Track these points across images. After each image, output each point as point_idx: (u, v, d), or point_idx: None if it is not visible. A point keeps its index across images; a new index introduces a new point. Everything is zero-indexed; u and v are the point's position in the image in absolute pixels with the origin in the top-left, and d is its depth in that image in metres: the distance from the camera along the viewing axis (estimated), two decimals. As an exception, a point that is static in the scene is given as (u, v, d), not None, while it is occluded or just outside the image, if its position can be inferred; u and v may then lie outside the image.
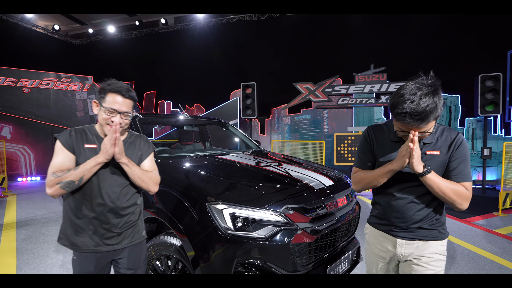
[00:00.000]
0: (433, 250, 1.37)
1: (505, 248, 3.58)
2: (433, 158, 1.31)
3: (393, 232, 1.42)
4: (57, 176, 1.34)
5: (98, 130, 1.52)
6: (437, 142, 1.32)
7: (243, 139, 3.84)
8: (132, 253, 1.56)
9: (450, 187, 1.25)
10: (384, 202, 1.42)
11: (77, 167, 1.38)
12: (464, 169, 1.30)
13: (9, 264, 3.14)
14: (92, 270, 1.47)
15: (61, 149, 1.42)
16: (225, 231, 1.69)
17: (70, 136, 1.45)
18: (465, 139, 1.36)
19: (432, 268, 1.36)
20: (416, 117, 1.14)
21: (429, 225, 1.37)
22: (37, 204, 5.88)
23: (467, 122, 8.02)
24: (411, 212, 1.35)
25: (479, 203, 5.91)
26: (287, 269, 1.74)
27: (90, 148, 1.45)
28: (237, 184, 2.01)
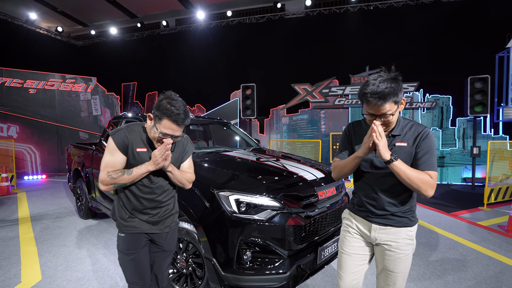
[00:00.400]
0: (403, 236, 1.50)
1: (484, 237, 3.89)
2: (401, 149, 1.45)
3: (369, 218, 1.55)
4: (112, 178, 1.50)
5: (147, 133, 1.63)
6: (405, 135, 1.47)
7: (244, 138, 4.15)
8: (170, 237, 1.76)
9: (416, 175, 1.38)
10: (362, 191, 1.58)
11: (130, 171, 1.52)
12: (429, 159, 1.42)
13: (31, 252, 3.43)
14: (134, 248, 1.64)
15: (114, 149, 1.55)
16: (231, 214, 2.00)
17: (124, 139, 1.56)
18: (431, 133, 1.48)
19: (402, 251, 1.50)
20: (376, 96, 1.31)
21: (401, 213, 1.50)
22: (46, 200, 6.17)
23: (458, 122, 8.34)
24: (385, 200, 1.50)
25: (467, 199, 6.24)
26: (283, 247, 2.05)
27: (141, 152, 1.58)
28: (241, 175, 2.32)
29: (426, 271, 2.94)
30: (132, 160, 1.57)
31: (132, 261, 1.63)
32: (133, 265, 1.64)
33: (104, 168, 1.54)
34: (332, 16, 10.15)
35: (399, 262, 1.50)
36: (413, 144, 1.45)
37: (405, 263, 1.51)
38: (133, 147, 1.56)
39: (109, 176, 1.50)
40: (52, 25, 13.62)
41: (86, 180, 4.44)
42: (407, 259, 1.51)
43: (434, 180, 1.41)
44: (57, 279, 2.77)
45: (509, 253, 3.38)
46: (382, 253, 1.54)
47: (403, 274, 1.52)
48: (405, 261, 1.51)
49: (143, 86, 12.01)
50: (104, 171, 1.53)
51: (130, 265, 1.63)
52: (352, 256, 1.60)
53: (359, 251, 1.60)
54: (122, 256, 1.64)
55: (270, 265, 2.02)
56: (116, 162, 1.55)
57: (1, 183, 6.73)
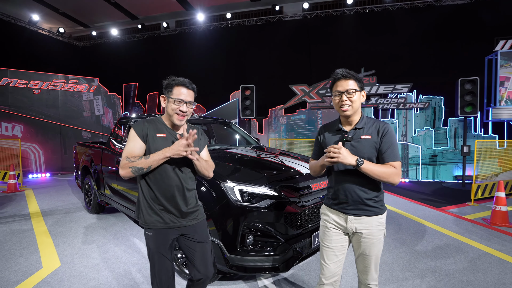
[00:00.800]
0: (375, 223, 1.68)
1: (468, 229, 4.19)
2: (366, 141, 1.65)
3: (344, 210, 1.70)
4: (130, 161, 1.58)
5: (165, 121, 1.76)
6: (369, 129, 1.67)
7: (244, 137, 4.42)
8: (199, 229, 1.79)
9: (382, 170, 1.58)
10: (335, 186, 1.73)
11: (148, 156, 1.60)
12: (392, 152, 1.63)
13: (47, 242, 3.69)
14: (163, 244, 1.68)
15: (134, 137, 1.66)
16: (235, 202, 2.28)
17: (143, 127, 1.67)
18: (392, 128, 1.67)
19: (375, 237, 1.68)
20: (344, 72, 1.65)
21: (373, 203, 1.67)
22: (53, 197, 6.41)
23: (450, 122, 8.65)
24: (355, 192, 1.66)
25: (457, 195, 6.55)
26: (281, 232, 2.33)
27: (161, 136, 1.68)
28: (244, 169, 2.60)
29: (412, 258, 3.23)
30: (152, 145, 1.65)
31: (159, 261, 1.69)
32: (160, 264, 1.69)
33: (124, 155, 1.64)
34: (329, 19, 10.44)
35: (373, 246, 1.69)
36: (377, 136, 1.65)
37: (378, 246, 1.71)
38: (153, 133, 1.67)
39: (127, 160, 1.60)
40: (53, 26, 13.83)
41: (95, 176, 4.70)
42: (380, 242, 1.71)
43: (398, 169, 1.62)
44: (75, 265, 3.04)
45: (488, 242, 3.68)
46: (358, 241, 1.71)
47: (377, 256, 1.71)
48: (378, 245, 1.70)
49: (144, 86, 12.24)
50: (123, 156, 1.64)
51: (157, 263, 1.69)
52: (333, 248, 1.75)
53: (338, 243, 1.75)
54: (151, 254, 1.70)
55: (269, 248, 2.29)
56: (135, 148, 1.64)
57: (9, 181, 6.97)
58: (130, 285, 2.64)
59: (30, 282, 2.69)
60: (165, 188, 1.67)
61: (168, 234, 1.69)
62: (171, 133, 1.73)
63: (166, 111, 1.72)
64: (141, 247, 3.54)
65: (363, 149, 1.64)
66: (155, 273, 1.70)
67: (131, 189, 3.62)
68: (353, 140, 1.67)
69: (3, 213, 5.06)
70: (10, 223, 4.50)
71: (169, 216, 1.69)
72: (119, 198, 3.94)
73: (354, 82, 1.65)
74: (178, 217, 1.71)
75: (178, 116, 1.67)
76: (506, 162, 7.12)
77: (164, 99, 1.72)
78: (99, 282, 2.69)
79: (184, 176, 1.72)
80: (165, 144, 1.66)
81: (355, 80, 1.65)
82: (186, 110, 1.67)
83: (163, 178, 1.66)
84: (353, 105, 1.65)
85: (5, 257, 3.24)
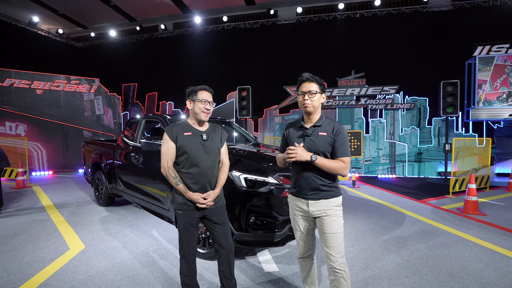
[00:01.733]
0: (333, 204, 1.92)
1: (443, 217, 4.73)
2: (323, 137, 1.90)
3: (305, 196, 1.95)
4: (168, 172, 2.05)
5: (190, 123, 2.16)
6: (326, 127, 1.92)
7: (243, 135, 4.88)
8: (218, 212, 2.17)
9: (332, 164, 1.83)
10: (296, 176, 1.99)
11: (179, 182, 2.04)
12: (344, 149, 1.88)
13: (67, 230, 4.10)
14: (189, 222, 2.10)
15: (167, 139, 2.08)
16: (240, 188, 2.75)
17: (173, 129, 2.09)
18: (344, 127, 1.94)
19: (333, 215, 1.91)
20: (309, 76, 1.91)
21: (328, 188, 1.92)
22: (62, 192, 6.79)
23: (434, 122, 9.24)
24: (313, 180, 1.91)
25: (438, 189, 7.12)
26: (279, 213, 2.80)
27: (188, 135, 2.09)
28: (247, 161, 3.07)
29: (390, 239, 3.74)
30: (180, 142, 2.07)
31: (187, 233, 2.09)
32: (187, 236, 2.09)
33: (162, 156, 2.09)
34: (321, 23, 10.95)
35: (333, 224, 1.90)
36: (332, 134, 1.90)
37: (338, 224, 1.91)
38: (182, 133, 2.08)
39: (168, 169, 2.06)
40: (52, 27, 14.07)
41: (106, 171, 5.11)
42: (340, 220, 1.93)
43: (347, 164, 1.87)
44: (97, 247, 3.47)
45: (458, 226, 4.21)
46: (320, 221, 1.94)
47: (339, 234, 1.91)
48: (338, 223, 1.91)
49: (143, 86, 12.59)
50: (163, 158, 2.08)
51: (184, 235, 2.09)
52: (302, 231, 2.05)
53: (305, 226, 2.03)
54: (180, 229, 2.11)
55: (269, 225, 2.77)
56: (169, 149, 2.08)
57: (18, 177, 7.32)
58: (149, 262, 3.08)
59: (63, 259, 3.11)
60: (200, 183, 2.11)
61: (193, 214, 2.11)
62: (195, 132, 2.13)
63: (193, 111, 2.12)
64: (154, 233, 3.98)
65: (320, 143, 1.90)
66: (181, 248, 2.13)
67: (144, 184, 4.05)
68: (312, 136, 1.92)
69: (19, 206, 5.43)
70: (28, 214, 4.89)
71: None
72: (132, 191, 4.37)
73: (316, 85, 1.91)
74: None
75: (204, 113, 2.11)
76: (485, 159, 7.71)
77: (190, 102, 2.14)
78: (122, 259, 3.13)
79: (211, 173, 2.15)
80: (191, 140, 2.09)
81: (317, 84, 1.91)
82: (209, 108, 2.12)
83: (197, 174, 2.10)
84: (313, 104, 1.90)
85: (33, 241, 3.65)
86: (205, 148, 2.11)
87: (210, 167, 2.13)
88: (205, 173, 2.10)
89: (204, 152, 2.10)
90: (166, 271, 2.86)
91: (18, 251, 3.33)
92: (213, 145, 2.17)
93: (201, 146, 2.10)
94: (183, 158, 2.08)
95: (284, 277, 2.74)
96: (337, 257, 1.88)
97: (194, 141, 2.09)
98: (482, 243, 3.56)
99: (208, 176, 2.12)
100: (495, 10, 9.35)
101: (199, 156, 2.09)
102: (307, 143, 1.92)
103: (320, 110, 2.00)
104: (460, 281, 2.64)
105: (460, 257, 3.16)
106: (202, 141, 2.11)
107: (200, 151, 2.09)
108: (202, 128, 2.17)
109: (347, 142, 1.91)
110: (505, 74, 7.61)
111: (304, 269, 2.16)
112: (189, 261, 2.12)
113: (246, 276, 2.75)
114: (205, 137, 2.13)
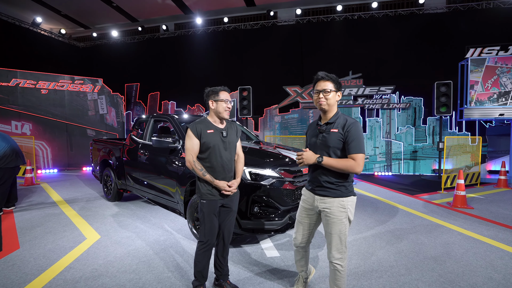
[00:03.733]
0: (336, 204, 1.92)
1: (433, 210, 5.03)
2: (334, 134, 1.92)
3: (314, 191, 2.03)
4: (194, 165, 2.24)
5: (211, 121, 2.36)
6: (338, 124, 1.94)
7: (246, 133, 5.17)
8: (235, 200, 2.45)
9: (340, 163, 1.86)
10: (311, 173, 2.08)
11: (206, 173, 2.23)
12: (355, 145, 1.85)
13: (81, 222, 4.38)
14: (213, 210, 2.30)
15: (192, 136, 2.27)
16: (245, 181, 3.04)
17: (197, 127, 2.28)
18: (357, 124, 1.90)
19: (335, 216, 1.92)
20: (324, 75, 1.97)
21: (334, 186, 1.93)
22: (70, 188, 7.06)
23: (429, 121, 9.55)
24: (320, 177, 1.97)
25: (430, 185, 7.43)
26: (281, 204, 3.09)
27: (210, 132, 2.29)
28: (250, 157, 3.36)
29: (382, 229, 4.04)
30: (204, 139, 2.27)
31: (210, 220, 2.29)
32: (210, 223, 2.29)
33: (188, 151, 2.27)
34: (320, 24, 11.23)
35: (333, 225, 1.93)
36: (342, 130, 1.90)
37: (339, 226, 1.92)
38: (204, 130, 2.29)
39: (194, 162, 2.25)
40: (55, 27, 14.30)
41: (115, 168, 5.38)
42: (340, 223, 1.92)
43: (358, 161, 1.85)
44: (112, 237, 3.75)
45: (446, 219, 4.52)
46: (323, 218, 2.00)
47: (338, 236, 1.93)
48: (338, 225, 1.92)
49: (145, 86, 12.83)
50: (188, 153, 2.27)
51: (208, 222, 2.28)
52: (302, 222, 2.17)
53: (306, 219, 2.14)
54: (204, 217, 2.29)
55: (271, 215, 3.06)
56: (194, 145, 2.27)
57: (26, 175, 7.58)
58: (161, 249, 3.37)
59: (82, 247, 3.40)
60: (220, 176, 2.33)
61: (216, 203, 2.32)
62: (217, 129, 2.34)
63: (217, 110, 2.33)
64: (164, 225, 4.26)
65: (330, 140, 1.92)
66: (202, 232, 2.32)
67: (154, 179, 4.33)
68: (325, 132, 1.96)
69: (31, 202, 5.70)
70: (41, 209, 5.17)
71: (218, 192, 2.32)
72: (142, 186, 4.64)
73: (332, 84, 1.95)
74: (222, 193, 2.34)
75: (227, 112, 2.35)
76: (476, 157, 8.02)
77: (213, 103, 2.34)
78: (136, 247, 3.41)
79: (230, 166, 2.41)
80: (214, 137, 2.30)
81: (332, 82, 1.95)
82: (230, 107, 2.37)
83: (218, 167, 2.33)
84: (328, 102, 1.95)
85: (51, 232, 3.93)
86: (225, 144, 2.33)
87: (229, 160, 2.36)
88: (226, 166, 2.33)
89: (224, 148, 2.32)
90: (177, 258, 3.15)
91: (39, 241, 3.61)
92: (231, 140, 2.40)
93: (221, 143, 2.32)
94: (207, 153, 2.29)
95: (285, 261, 3.04)
96: (333, 254, 1.96)
97: (216, 138, 2.30)
98: (466, 233, 3.86)
99: (228, 168, 2.35)
100: (488, 13, 9.66)
101: (220, 151, 2.30)
102: (320, 139, 1.98)
103: (336, 108, 2.03)
104: (441, 263, 2.94)
105: (445, 244, 3.46)
106: (223, 137, 2.33)
107: (221, 147, 2.31)
108: (222, 126, 2.39)
109: (359, 139, 1.87)
110: (496, 75, 7.90)
111: (297, 256, 2.31)
112: (209, 248, 2.33)
113: (250, 261, 3.04)
114: (225, 134, 2.35)
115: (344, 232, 1.95)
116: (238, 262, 3.01)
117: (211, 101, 2.36)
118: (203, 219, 2.31)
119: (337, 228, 1.92)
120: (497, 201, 5.69)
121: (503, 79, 7.93)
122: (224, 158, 2.32)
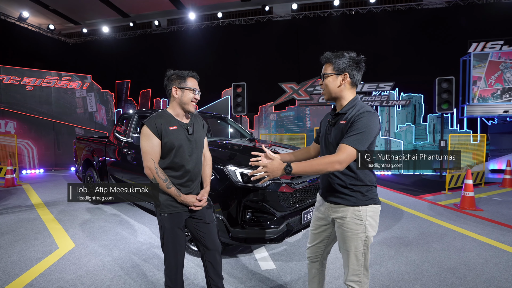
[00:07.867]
0: (350, 214, 1.55)
1: (439, 212, 4.70)
2: (340, 126, 1.56)
3: (326, 198, 1.68)
4: (162, 180, 1.75)
5: (173, 114, 1.87)
6: (348, 115, 1.55)
7: (239, 130, 4.79)
8: (207, 210, 1.98)
9: (314, 163, 1.45)
10: (321, 176, 1.73)
11: (170, 185, 1.76)
12: (352, 137, 1.44)
13: (57, 228, 3.97)
14: (179, 224, 1.86)
15: (150, 135, 1.77)
16: (236, 183, 2.66)
17: (156, 123, 1.78)
18: (370, 115, 1.48)
19: (349, 229, 1.55)
20: (322, 57, 1.61)
21: (349, 191, 1.56)
22: (52, 190, 6.62)
23: (429, 118, 9.25)
24: (333, 178, 1.61)
25: (434, 185, 7.11)
26: (277, 209, 2.71)
27: (173, 129, 1.81)
28: (242, 155, 2.98)
29: (388, 235, 3.68)
30: (166, 138, 1.77)
31: (174, 237, 1.83)
32: (174, 239, 1.84)
33: (145, 155, 1.77)
34: (316, 20, 10.88)
35: (347, 240, 1.57)
36: (348, 122, 1.52)
37: (354, 242, 1.55)
38: (166, 127, 1.79)
39: (156, 170, 1.76)
40: (43, 23, 13.78)
41: (98, 168, 4.97)
42: (356, 238, 1.54)
43: (340, 154, 1.43)
44: (88, 246, 3.35)
45: (455, 222, 4.18)
46: (336, 230, 1.65)
47: (354, 254, 1.56)
48: (354, 240, 1.55)
49: (136, 83, 12.40)
50: (147, 157, 1.77)
51: (171, 239, 1.83)
52: (313, 233, 1.81)
53: (318, 229, 1.78)
54: (165, 234, 1.84)
55: (266, 222, 2.68)
56: (154, 146, 1.77)
57: (7, 175, 7.12)
58: (142, 260, 2.98)
59: (51, 259, 2.99)
60: (181, 173, 1.88)
61: (181, 216, 1.88)
62: (181, 125, 1.86)
63: (181, 100, 1.83)
64: (146, 230, 3.87)
65: (335, 134, 1.58)
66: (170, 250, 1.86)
67: (137, 181, 3.93)
68: (334, 126, 1.61)
69: (7, 205, 5.26)
70: (17, 213, 4.74)
71: (181, 205, 1.88)
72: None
73: (330, 66, 1.59)
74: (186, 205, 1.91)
75: (193, 103, 1.87)
76: (479, 155, 7.74)
77: (177, 90, 1.82)
78: (114, 258, 3.01)
79: (196, 174, 1.96)
80: (177, 135, 1.82)
81: (330, 63, 1.59)
82: (198, 98, 1.88)
83: (184, 175, 1.89)
84: (327, 90, 1.61)
85: (21, 240, 3.52)
86: (191, 144, 1.88)
87: (197, 163, 1.93)
88: (194, 172, 1.90)
89: (191, 148, 1.88)
90: (161, 270, 2.76)
91: (4, 251, 3.19)
92: (198, 138, 1.94)
93: (188, 142, 1.86)
94: (170, 157, 1.81)
95: (283, 275, 2.66)
96: (349, 276, 1.59)
97: (181, 136, 1.83)
98: (481, 238, 3.52)
99: (196, 174, 1.92)
100: (489, 7, 9.38)
101: (187, 153, 1.85)
102: (329, 133, 1.64)
103: (350, 94, 1.61)
104: (461, 277, 2.59)
105: (460, 253, 3.11)
106: (188, 135, 1.86)
107: (188, 147, 1.86)
108: (186, 121, 1.92)
109: (360, 132, 1.44)
110: (500, 70, 7.63)
111: (309, 274, 1.90)
112: (178, 270, 1.89)
113: (243, 274, 2.66)
114: (190, 131, 1.88)
115: (361, 250, 1.56)
116: (227, 276, 2.63)
117: (175, 88, 1.84)
118: (165, 237, 1.84)
119: (351, 244, 1.55)
120: (506, 202, 5.37)
121: (507, 75, 7.65)
122: (192, 163, 1.88)
